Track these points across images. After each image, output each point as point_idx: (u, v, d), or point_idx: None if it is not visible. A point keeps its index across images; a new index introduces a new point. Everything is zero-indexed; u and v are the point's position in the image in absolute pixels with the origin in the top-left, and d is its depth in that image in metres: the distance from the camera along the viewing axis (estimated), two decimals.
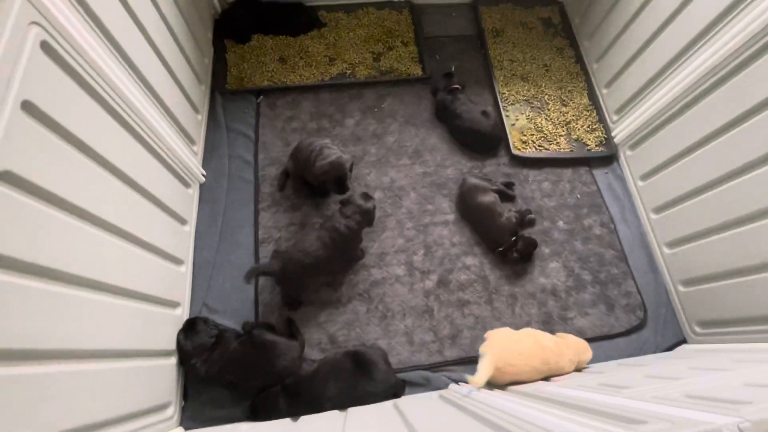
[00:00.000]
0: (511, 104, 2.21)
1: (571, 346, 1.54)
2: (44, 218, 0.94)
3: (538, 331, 1.58)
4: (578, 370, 1.56)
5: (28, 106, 0.88)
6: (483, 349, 1.42)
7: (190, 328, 1.53)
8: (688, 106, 1.70)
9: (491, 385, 1.38)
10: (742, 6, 1.44)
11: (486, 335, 1.50)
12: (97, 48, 1.13)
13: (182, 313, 1.60)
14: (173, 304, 1.55)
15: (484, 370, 1.31)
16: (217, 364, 1.47)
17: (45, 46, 0.94)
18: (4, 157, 0.82)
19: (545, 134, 2.14)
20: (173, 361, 1.49)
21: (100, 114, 1.17)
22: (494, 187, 1.93)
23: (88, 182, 1.10)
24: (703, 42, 1.61)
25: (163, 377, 1.42)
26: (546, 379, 1.44)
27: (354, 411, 1.38)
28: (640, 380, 1.12)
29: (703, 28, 1.59)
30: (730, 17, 1.49)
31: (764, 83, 1.38)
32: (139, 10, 1.39)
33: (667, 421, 0.69)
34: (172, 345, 1.49)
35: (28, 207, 0.89)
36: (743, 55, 1.44)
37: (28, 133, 0.89)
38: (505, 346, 1.43)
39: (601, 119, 2.19)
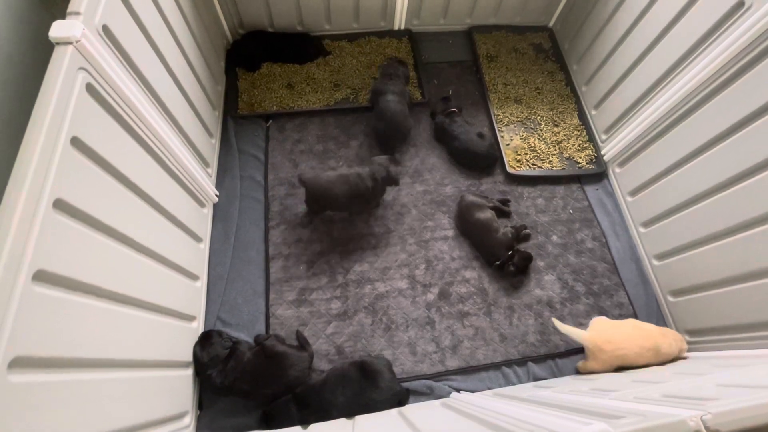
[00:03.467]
0: (506, 125, 2.34)
1: (670, 331, 1.71)
2: (87, 239, 1.05)
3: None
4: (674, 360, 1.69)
5: (76, 142, 1.00)
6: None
7: (205, 340, 1.62)
8: (671, 126, 1.82)
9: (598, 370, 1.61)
10: (720, 32, 1.56)
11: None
12: (130, 86, 1.26)
13: (198, 326, 1.69)
14: (190, 318, 1.64)
15: (574, 331, 1.59)
16: (232, 374, 1.55)
17: (89, 88, 1.07)
18: (57, 187, 0.94)
19: (538, 153, 2.26)
20: (190, 372, 1.57)
21: (132, 145, 1.29)
22: (491, 204, 2.04)
23: (122, 207, 1.21)
24: (683, 67, 1.73)
25: (181, 387, 1.50)
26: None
27: (361, 418, 1.46)
28: (628, 384, 1.21)
29: (683, 54, 1.71)
30: (709, 42, 1.61)
31: (743, 102, 1.48)
32: (164, 49, 1.53)
33: (641, 415, 0.79)
34: (189, 357, 1.57)
35: (75, 230, 1.00)
36: (723, 77, 1.55)
37: (76, 165, 1.01)
38: (603, 327, 1.63)
39: (591, 138, 2.32)
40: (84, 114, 1.05)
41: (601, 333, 1.61)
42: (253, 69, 2.37)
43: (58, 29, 1.01)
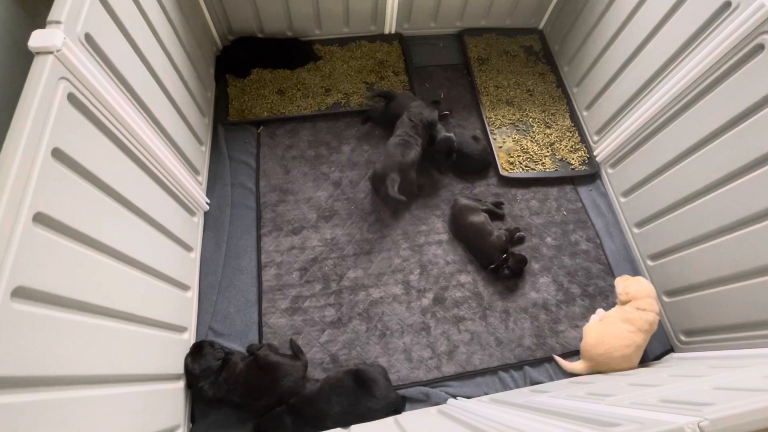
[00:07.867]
0: (498, 128, 2.34)
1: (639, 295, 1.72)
2: (70, 253, 1.02)
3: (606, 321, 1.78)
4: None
5: (57, 153, 0.98)
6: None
7: (197, 351, 1.59)
8: (661, 126, 1.82)
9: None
10: (708, 32, 1.56)
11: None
12: (115, 95, 1.24)
13: (189, 338, 1.66)
14: (181, 329, 1.61)
15: (575, 366, 1.73)
16: (224, 386, 1.52)
17: (71, 98, 1.05)
18: (37, 201, 0.91)
19: (531, 155, 2.26)
20: (182, 384, 1.54)
21: (118, 154, 1.27)
22: (484, 207, 2.03)
23: (108, 218, 1.19)
24: (672, 67, 1.73)
25: (172, 401, 1.47)
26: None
27: (357, 428, 1.43)
28: (624, 388, 1.20)
29: (672, 54, 1.72)
30: (698, 42, 1.61)
31: (733, 101, 1.48)
32: (150, 57, 1.51)
33: (638, 422, 0.77)
34: (180, 369, 1.54)
35: (56, 243, 0.98)
36: (712, 76, 1.55)
37: (57, 177, 0.98)
38: (594, 355, 1.68)
39: (583, 140, 2.32)
40: (66, 124, 1.02)
41: (592, 358, 1.68)
42: (243, 75, 2.35)
43: (37, 39, 0.99)
